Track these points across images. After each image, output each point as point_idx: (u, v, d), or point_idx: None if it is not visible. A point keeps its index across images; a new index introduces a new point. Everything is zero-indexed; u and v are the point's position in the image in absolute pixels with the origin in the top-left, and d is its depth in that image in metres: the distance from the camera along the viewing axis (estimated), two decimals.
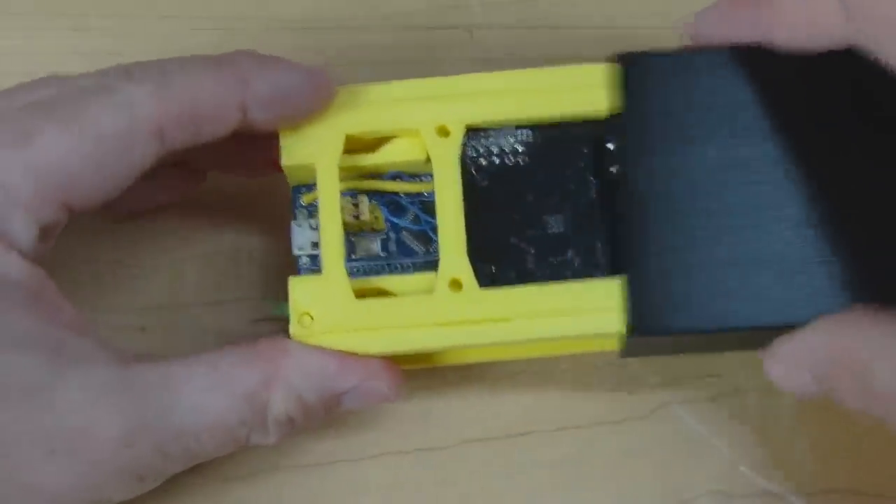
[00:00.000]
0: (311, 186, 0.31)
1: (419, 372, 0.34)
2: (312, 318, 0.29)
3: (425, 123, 0.30)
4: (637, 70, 0.30)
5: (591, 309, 0.29)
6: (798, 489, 0.34)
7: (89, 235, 0.35)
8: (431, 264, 0.30)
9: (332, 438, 0.34)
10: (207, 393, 0.28)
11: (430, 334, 0.29)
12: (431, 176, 0.30)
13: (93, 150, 0.28)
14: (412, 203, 0.31)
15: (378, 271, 0.31)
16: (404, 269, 0.31)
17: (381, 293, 0.30)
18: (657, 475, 0.34)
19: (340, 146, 0.30)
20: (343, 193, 0.30)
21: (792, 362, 0.28)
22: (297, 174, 0.31)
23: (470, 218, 0.29)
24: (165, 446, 0.28)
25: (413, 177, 0.31)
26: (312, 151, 0.30)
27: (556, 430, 0.34)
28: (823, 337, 0.27)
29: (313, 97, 0.30)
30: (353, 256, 0.31)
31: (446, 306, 0.29)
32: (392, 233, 0.31)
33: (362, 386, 0.29)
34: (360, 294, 0.29)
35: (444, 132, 0.30)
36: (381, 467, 0.34)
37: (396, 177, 0.31)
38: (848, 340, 0.27)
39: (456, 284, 0.29)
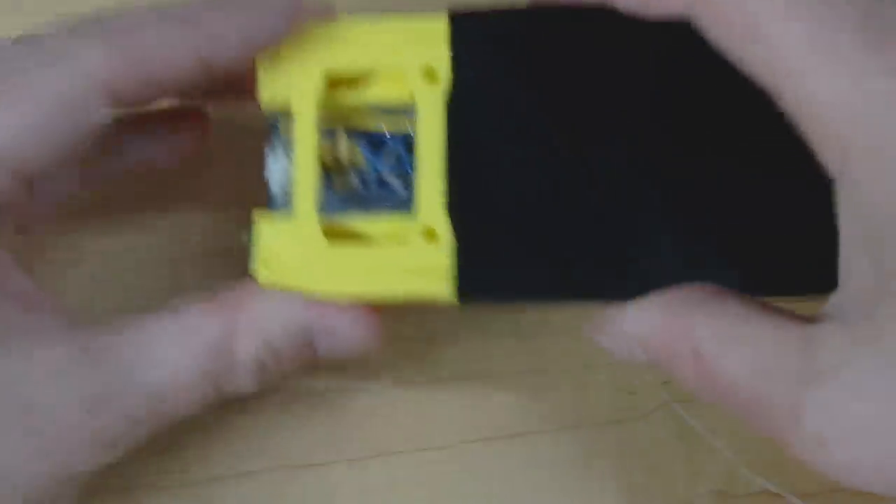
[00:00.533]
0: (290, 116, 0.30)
1: (417, 370, 0.34)
2: (280, 262, 0.29)
3: (412, 65, 0.29)
4: (463, 27, 0.29)
5: None
6: (798, 489, 0.34)
7: (89, 235, 0.35)
8: (409, 203, 0.30)
9: (330, 438, 0.34)
10: (168, 349, 0.27)
11: (401, 284, 0.29)
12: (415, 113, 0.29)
13: (38, 117, 0.27)
14: (393, 139, 0.30)
15: (353, 207, 0.30)
16: (381, 206, 0.30)
17: (354, 236, 0.30)
18: (657, 475, 0.34)
19: (320, 84, 0.29)
20: (322, 130, 0.30)
21: (622, 335, 0.27)
22: (276, 106, 0.30)
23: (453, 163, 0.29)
24: (132, 410, 0.27)
25: (397, 111, 0.30)
26: (290, 86, 0.29)
27: (556, 430, 0.34)
28: (658, 314, 0.27)
29: (282, 30, 0.29)
30: (330, 191, 0.30)
31: (419, 257, 0.29)
32: (371, 169, 0.31)
33: (336, 327, 0.28)
34: (332, 235, 0.29)
35: (431, 76, 0.29)
36: (380, 467, 0.34)
37: (380, 111, 0.30)
38: (688, 321, 0.26)
39: (431, 234, 0.29)
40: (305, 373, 0.30)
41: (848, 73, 0.24)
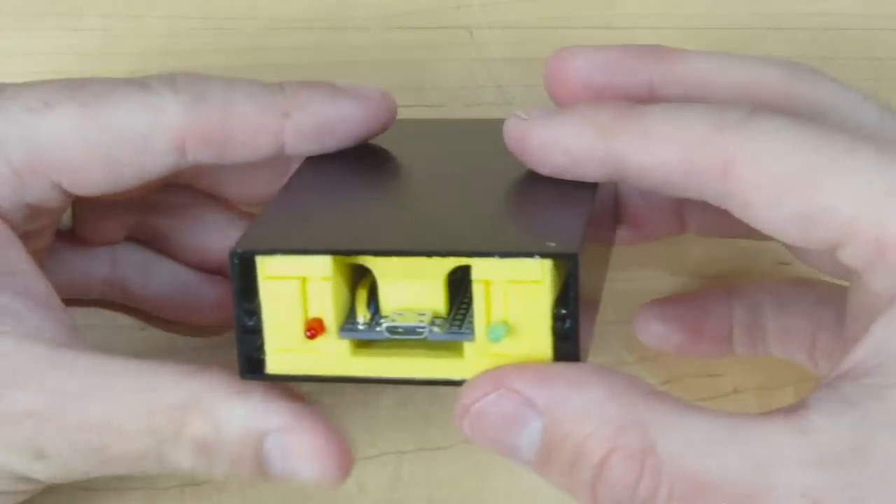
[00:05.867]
0: None
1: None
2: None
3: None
4: None
5: None
6: None
7: None
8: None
9: None
10: (126, 393, 0.27)
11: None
12: None
13: (102, 139, 0.28)
14: None
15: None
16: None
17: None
18: None
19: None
20: None
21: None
22: None
23: None
24: (68, 431, 0.26)
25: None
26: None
27: None
28: (602, 403, 0.24)
29: (364, 129, 0.29)
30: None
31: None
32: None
33: (294, 451, 0.26)
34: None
35: None
36: (380, 467, 0.34)
37: None
38: (640, 417, 0.24)
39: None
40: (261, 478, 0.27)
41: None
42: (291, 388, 0.27)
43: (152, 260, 0.34)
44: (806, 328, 0.32)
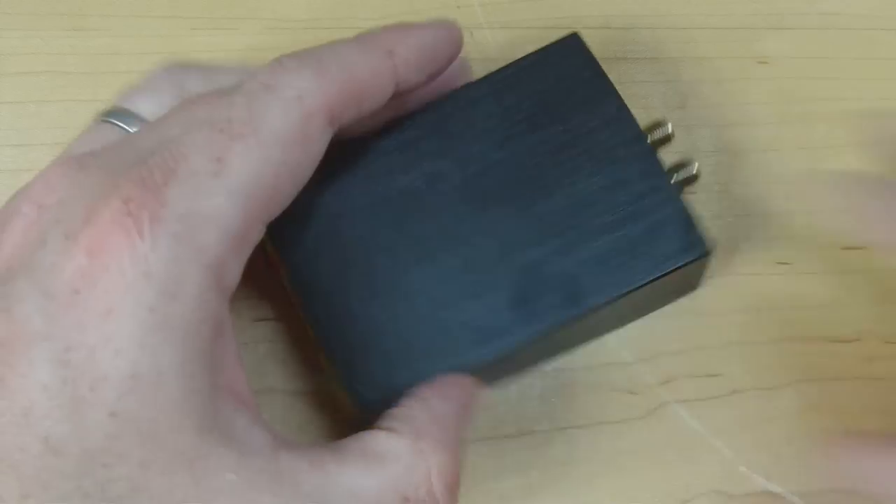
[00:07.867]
0: None
1: None
2: None
3: None
4: None
5: None
6: (798, 489, 0.34)
7: None
8: None
9: (333, 438, 0.34)
10: (360, 479, 0.27)
11: None
12: None
13: (279, 155, 0.27)
14: None
15: None
16: None
17: None
18: (657, 475, 0.34)
19: None
20: None
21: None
22: None
23: None
24: None
25: None
26: None
27: (555, 429, 0.34)
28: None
29: (452, 50, 0.31)
30: None
31: None
32: None
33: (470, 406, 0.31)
34: None
35: None
36: None
37: None
38: None
39: None
40: None
41: None
42: None
43: None
44: None
